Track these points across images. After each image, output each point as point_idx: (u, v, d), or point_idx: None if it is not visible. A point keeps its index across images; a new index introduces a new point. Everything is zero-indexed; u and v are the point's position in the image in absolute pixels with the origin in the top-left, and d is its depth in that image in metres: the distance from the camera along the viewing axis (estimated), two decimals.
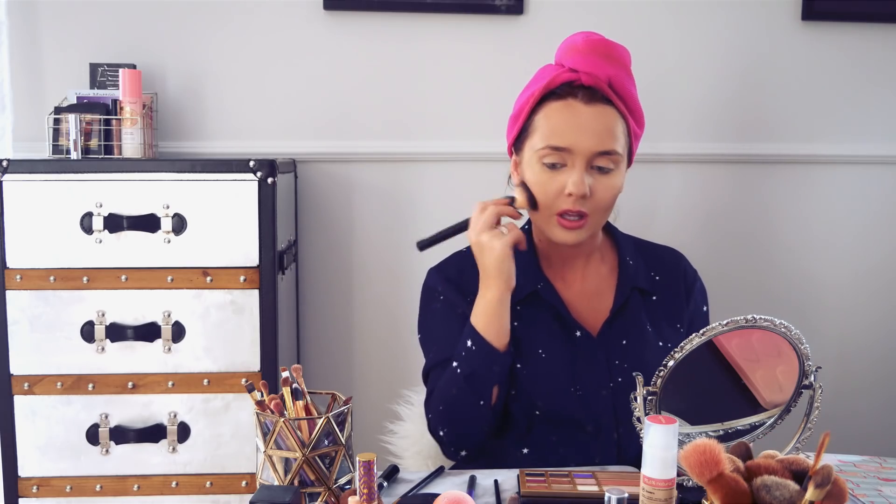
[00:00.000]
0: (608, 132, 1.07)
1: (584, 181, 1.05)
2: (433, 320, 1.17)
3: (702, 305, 1.23)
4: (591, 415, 1.09)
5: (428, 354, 1.17)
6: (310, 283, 1.82)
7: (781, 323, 0.92)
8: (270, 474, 0.84)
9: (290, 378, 0.89)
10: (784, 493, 0.67)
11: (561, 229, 1.09)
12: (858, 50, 1.81)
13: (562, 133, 1.06)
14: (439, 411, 1.09)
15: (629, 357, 1.11)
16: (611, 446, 1.09)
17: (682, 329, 1.17)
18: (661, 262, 1.21)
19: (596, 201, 1.07)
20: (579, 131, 1.06)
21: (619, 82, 1.09)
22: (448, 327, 1.14)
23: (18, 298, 1.44)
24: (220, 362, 1.48)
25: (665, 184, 1.83)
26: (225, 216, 1.45)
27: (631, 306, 1.14)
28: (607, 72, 1.07)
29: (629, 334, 1.13)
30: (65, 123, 1.55)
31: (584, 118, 1.06)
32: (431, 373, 1.15)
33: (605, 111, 1.07)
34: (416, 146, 1.79)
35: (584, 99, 1.07)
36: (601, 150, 1.06)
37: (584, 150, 1.06)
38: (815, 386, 0.96)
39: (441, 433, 1.10)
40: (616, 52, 1.10)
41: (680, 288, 1.20)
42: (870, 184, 1.86)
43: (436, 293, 1.17)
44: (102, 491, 1.48)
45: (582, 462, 1.07)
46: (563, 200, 1.07)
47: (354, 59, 1.77)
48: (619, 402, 1.10)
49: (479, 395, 1.06)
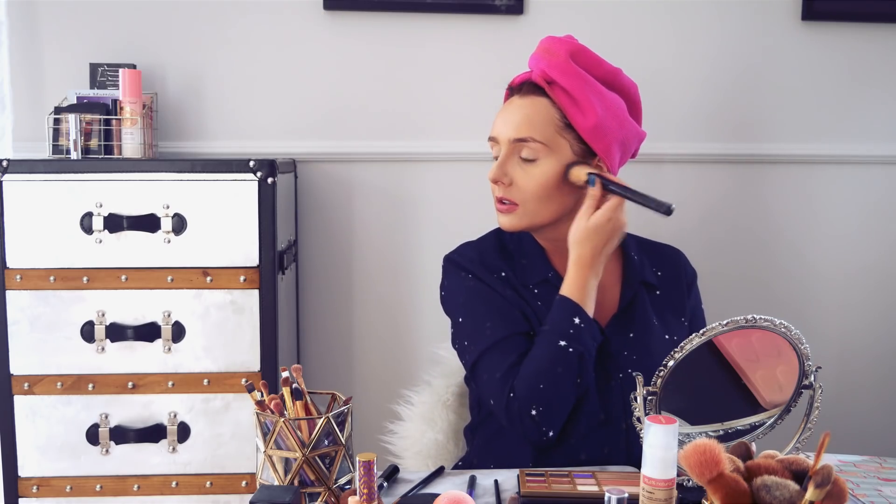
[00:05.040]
0: (525, 120, 1.11)
1: (499, 168, 1.12)
2: (470, 302, 1.15)
3: (699, 303, 1.26)
4: (602, 404, 1.10)
5: (473, 337, 1.13)
6: (310, 283, 1.82)
7: (781, 323, 0.92)
8: (270, 474, 0.84)
9: (290, 378, 0.89)
10: (784, 493, 0.67)
11: (498, 214, 1.15)
12: (858, 50, 1.81)
13: (494, 125, 1.15)
14: (539, 390, 1.04)
15: (637, 349, 1.13)
16: (619, 436, 1.10)
17: (685, 322, 1.20)
18: (663, 258, 1.24)
19: (520, 190, 1.12)
20: (502, 121, 1.14)
21: (558, 75, 1.09)
22: (491, 306, 1.13)
23: (18, 298, 1.44)
24: (220, 362, 1.48)
25: (664, 184, 1.83)
26: (225, 216, 1.45)
27: (638, 299, 1.17)
28: (543, 65, 1.11)
29: (637, 327, 1.15)
30: (65, 123, 1.55)
31: (510, 109, 1.14)
32: (487, 355, 1.10)
33: (532, 101, 1.12)
34: (416, 146, 1.79)
35: (522, 93, 1.14)
36: (515, 138, 1.11)
37: (502, 139, 1.13)
38: (815, 386, 0.96)
39: (534, 412, 1.04)
40: (555, 45, 1.11)
41: (682, 283, 1.23)
42: (869, 184, 1.86)
43: (463, 273, 1.17)
44: (102, 491, 1.48)
45: (591, 452, 1.09)
46: (494, 188, 1.15)
47: (354, 59, 1.77)
48: (627, 393, 1.09)
49: (583, 372, 1.06)
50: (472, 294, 1.15)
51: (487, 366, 1.10)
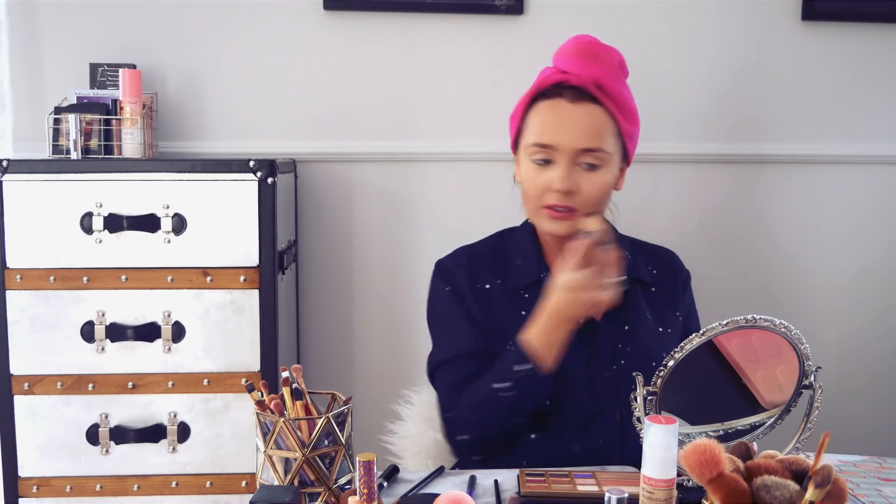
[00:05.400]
0: (592, 130, 1.11)
1: (568, 177, 1.10)
2: (441, 313, 1.20)
3: (693, 303, 1.29)
4: (594, 396, 1.12)
5: (436, 348, 1.20)
6: (310, 283, 1.82)
7: (781, 323, 0.92)
8: (270, 474, 0.84)
9: (290, 378, 0.89)
10: (784, 493, 0.67)
11: (549, 220, 1.14)
12: (858, 50, 1.81)
13: (547, 131, 1.12)
14: (468, 421, 1.10)
15: (631, 341, 1.15)
16: (614, 426, 1.12)
17: (679, 317, 1.22)
18: (658, 258, 1.27)
19: (583, 197, 1.12)
20: (563, 129, 1.11)
21: (607, 82, 1.12)
22: (454, 323, 1.17)
23: (18, 298, 1.44)
24: (220, 362, 1.48)
25: (663, 184, 1.83)
26: (225, 216, 1.45)
27: (632, 295, 1.19)
28: (594, 72, 1.12)
29: (631, 321, 1.17)
30: (65, 123, 1.55)
31: (568, 116, 1.11)
32: (441, 368, 1.17)
33: (590, 110, 1.12)
34: (416, 146, 1.79)
35: (571, 98, 1.12)
36: (584, 147, 1.11)
37: (567, 147, 1.11)
38: (815, 386, 0.96)
39: (461, 438, 1.11)
40: (604, 52, 1.14)
41: (676, 282, 1.25)
42: (869, 184, 1.85)
43: (443, 283, 1.20)
44: (102, 491, 1.48)
45: (586, 444, 1.10)
46: (549, 195, 1.12)
47: (354, 59, 1.77)
48: (621, 384, 1.13)
49: (521, 414, 1.08)
50: (445, 307, 1.19)
51: (441, 377, 1.17)
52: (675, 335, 1.20)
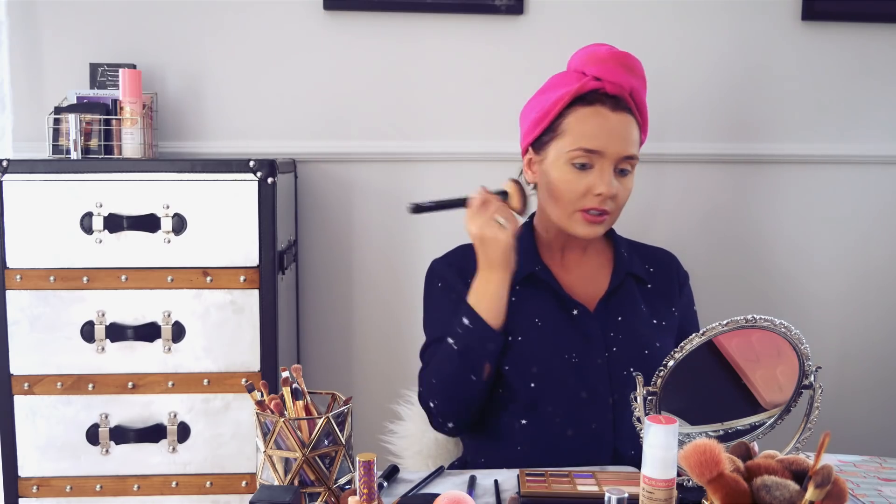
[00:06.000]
0: (631, 138, 1.16)
1: (614, 182, 1.14)
2: (432, 302, 1.25)
3: (691, 304, 1.30)
4: (586, 382, 1.14)
5: (427, 331, 1.25)
6: (310, 283, 1.82)
7: (781, 323, 0.92)
8: (270, 474, 0.84)
9: (290, 378, 0.89)
10: (784, 493, 0.67)
11: (584, 224, 1.16)
12: (858, 50, 1.81)
13: (594, 137, 1.14)
14: (432, 384, 1.16)
15: (624, 330, 1.18)
16: (606, 411, 1.14)
17: (675, 312, 1.24)
18: (656, 258, 1.30)
19: (618, 201, 1.17)
20: (609, 136, 1.14)
21: (638, 94, 1.19)
22: (443, 308, 1.21)
23: (18, 298, 1.44)
24: (220, 362, 1.48)
25: (664, 184, 1.83)
26: (225, 216, 1.45)
27: (626, 287, 1.22)
28: (630, 83, 1.17)
29: (624, 311, 1.20)
30: (65, 123, 1.55)
31: (612, 124, 1.15)
32: (427, 350, 1.22)
33: (627, 119, 1.16)
34: (415, 146, 1.79)
35: (611, 106, 1.15)
36: (626, 155, 1.15)
37: (612, 154, 1.14)
38: (815, 386, 0.96)
39: (431, 404, 1.16)
40: (636, 64, 1.19)
41: (673, 281, 1.28)
42: (870, 184, 1.85)
43: (435, 279, 1.25)
44: (102, 491, 1.48)
45: (579, 428, 1.13)
46: (588, 199, 1.15)
47: (354, 59, 1.77)
48: (613, 370, 1.15)
49: (471, 370, 1.12)
50: (434, 299, 1.25)
51: (425, 359, 1.23)
52: (670, 329, 1.22)
